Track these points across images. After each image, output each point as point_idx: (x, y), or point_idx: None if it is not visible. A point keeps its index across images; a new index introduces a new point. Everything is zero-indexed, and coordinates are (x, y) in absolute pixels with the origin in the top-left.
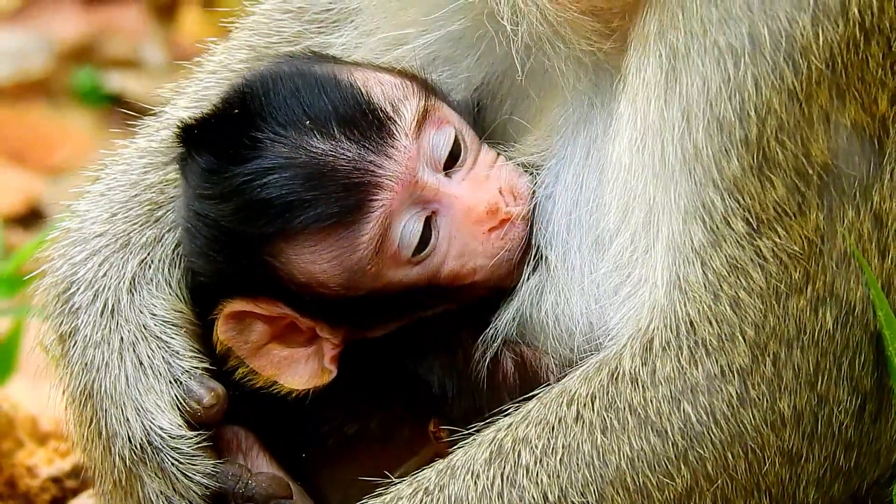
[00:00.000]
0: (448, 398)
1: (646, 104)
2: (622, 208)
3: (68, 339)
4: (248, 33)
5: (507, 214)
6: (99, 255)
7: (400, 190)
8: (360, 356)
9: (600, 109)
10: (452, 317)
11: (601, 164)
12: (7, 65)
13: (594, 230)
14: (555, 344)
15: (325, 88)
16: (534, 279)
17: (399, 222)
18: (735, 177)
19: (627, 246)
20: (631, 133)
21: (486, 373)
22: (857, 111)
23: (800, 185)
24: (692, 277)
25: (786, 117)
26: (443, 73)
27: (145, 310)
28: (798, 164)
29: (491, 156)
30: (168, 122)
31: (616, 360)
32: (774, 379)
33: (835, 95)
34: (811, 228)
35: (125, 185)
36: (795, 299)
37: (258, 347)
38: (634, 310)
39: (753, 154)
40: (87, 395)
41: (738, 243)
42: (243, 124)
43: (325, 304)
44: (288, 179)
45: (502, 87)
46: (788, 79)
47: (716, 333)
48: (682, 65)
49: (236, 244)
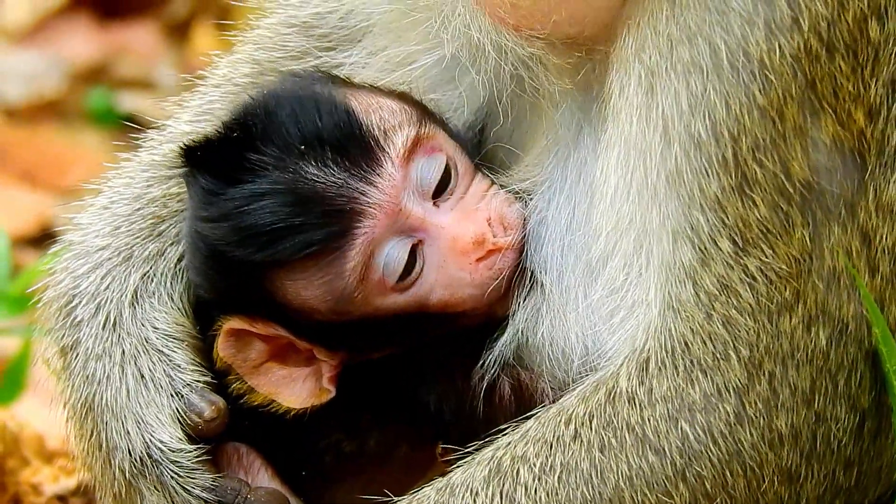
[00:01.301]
0: (445, 419)
1: (628, 125)
2: (613, 231)
3: (70, 352)
4: (253, 47)
5: (495, 245)
6: (101, 268)
7: (383, 218)
8: (359, 375)
9: (588, 132)
10: (450, 340)
11: (592, 187)
12: (20, 86)
13: (587, 253)
14: (550, 367)
15: (321, 113)
16: (530, 303)
17: (382, 250)
18: (717, 197)
19: (620, 268)
20: (617, 155)
21: (483, 396)
22: (834, 126)
23: (782, 204)
24: (684, 297)
25: (760, 135)
26: (447, 94)
27: (147, 323)
28: (778, 182)
29: (483, 185)
30: (171, 135)
31: (613, 379)
32: (771, 397)
33: (808, 112)
34: (797, 247)
35: (128, 198)
36: (787, 317)
37: (257, 365)
38: (630, 331)
39: (732, 173)
40: (87, 407)
41: (725, 263)
42: (242, 146)
43: (320, 329)
44: (277, 205)
45: (498, 110)
46: (756, 95)
47: (710, 352)
48: (658, 84)
49: (232, 267)
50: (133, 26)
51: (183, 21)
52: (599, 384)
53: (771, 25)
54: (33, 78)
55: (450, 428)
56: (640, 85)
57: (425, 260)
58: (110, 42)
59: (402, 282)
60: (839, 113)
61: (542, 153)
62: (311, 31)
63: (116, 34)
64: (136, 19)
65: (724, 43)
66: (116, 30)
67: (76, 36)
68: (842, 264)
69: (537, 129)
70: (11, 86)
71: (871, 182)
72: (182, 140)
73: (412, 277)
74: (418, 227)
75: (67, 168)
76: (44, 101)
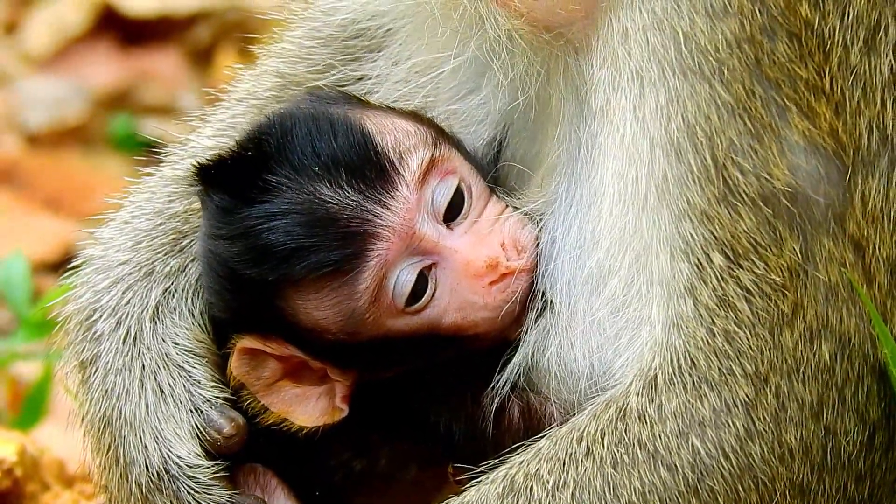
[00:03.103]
0: (455, 440)
1: (620, 129)
2: (613, 246)
3: (89, 366)
4: (276, 61)
5: (508, 268)
6: (122, 283)
7: (396, 241)
8: (371, 394)
9: (589, 144)
10: (462, 361)
11: (596, 200)
12: (43, 112)
13: (594, 271)
14: (558, 388)
15: (336, 134)
16: (540, 324)
17: (395, 273)
18: (704, 207)
19: (622, 285)
20: (613, 163)
21: (493, 419)
22: (803, 123)
23: (768, 215)
24: (686, 313)
25: (734, 136)
26: (468, 103)
27: (168, 338)
28: (763, 190)
29: (497, 207)
30: (193, 150)
31: (623, 397)
32: (779, 411)
33: (773, 108)
34: (789, 259)
35: (150, 213)
36: (788, 332)
37: (270, 384)
38: (636, 350)
39: (714, 181)
40: (106, 421)
41: (720, 277)
42: (257, 166)
43: (333, 348)
44: (291, 226)
45: (516, 123)
46: (717, 90)
47: (716, 368)
48: (641, 85)
49: (245, 286)
50: (156, 52)
51: (206, 47)
52: (610, 402)
53: (709, 8)
54: (56, 104)
55: (459, 449)
56: (630, 87)
57: (438, 283)
58: (133, 68)
59: (415, 305)
60: (802, 107)
61: (550, 170)
62: (334, 42)
63: (139, 60)
64: (158, 45)
65: (681, 31)
66: (139, 56)
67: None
68: (837, 277)
69: (546, 145)
70: (34, 112)
71: (855, 187)
72: (204, 154)
73: (424, 300)
74: (431, 250)
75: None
76: (66, 127)
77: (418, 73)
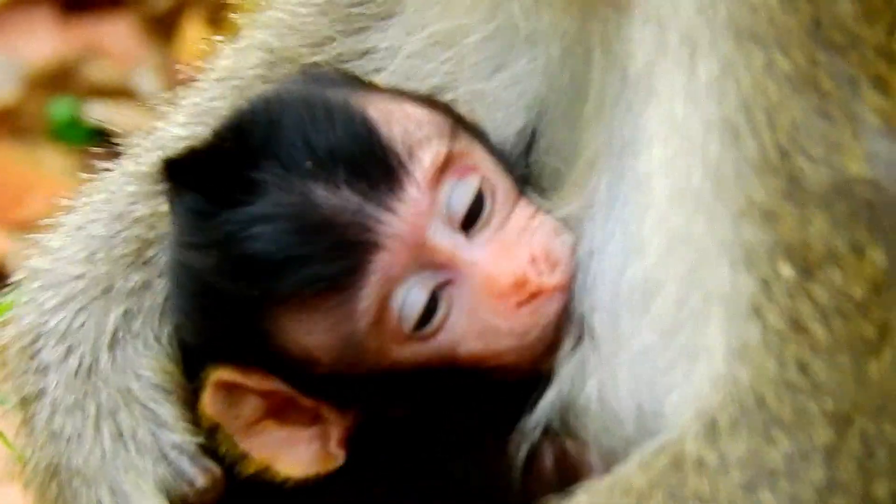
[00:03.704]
0: (473, 493)
1: (671, 109)
2: (663, 254)
3: (33, 403)
4: (264, 32)
5: (540, 286)
6: (75, 303)
7: (403, 252)
8: (373, 438)
9: (637, 127)
10: (483, 398)
11: (643, 198)
12: None
13: (640, 287)
14: (599, 432)
15: (334, 123)
16: (577, 354)
17: (400, 290)
18: (767, 204)
19: (673, 304)
20: (662, 152)
21: (521, 469)
22: (878, 99)
23: (844, 213)
24: (751, 339)
25: (797, 115)
26: (497, 82)
27: (129, 371)
28: (835, 183)
29: (528, 211)
30: (162, 141)
31: (678, 443)
32: (865, 459)
33: (841, 80)
34: (872, 269)
35: (108, 217)
36: (874, 361)
37: (251, 425)
38: (693, 385)
39: (777, 171)
40: (53, 470)
41: (789, 292)
42: (239, 161)
43: (327, 383)
44: (278, 233)
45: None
46: (775, 58)
47: (789, 406)
48: (692, 50)
49: (222, 305)
50: (105, 21)
51: (167, 13)
52: (662, 449)
53: None
54: None
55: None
56: (677, 45)
57: (453, 303)
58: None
59: (424, 329)
60: (873, 78)
61: (590, 165)
62: (334, 9)
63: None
64: (109, 12)
65: None
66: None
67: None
68: None
69: (585, 134)
70: None
71: None
72: (174, 147)
73: (436, 324)
74: (446, 263)
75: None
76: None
77: (437, 44)
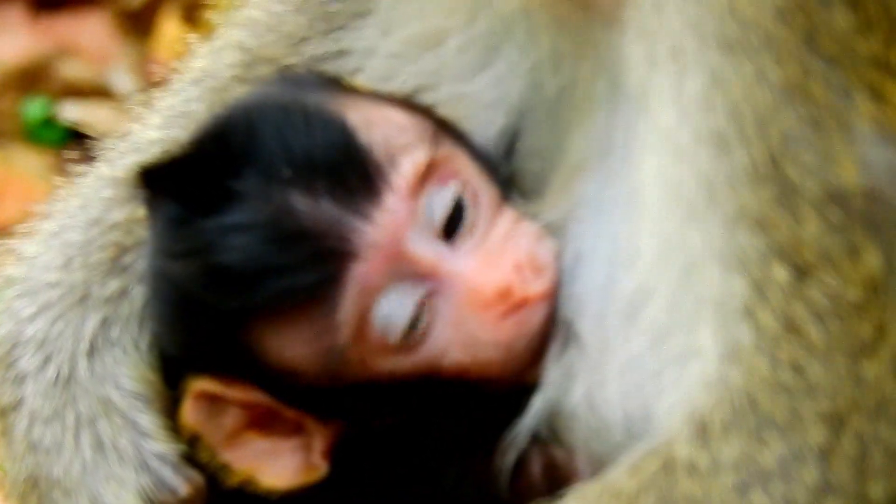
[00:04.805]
0: (461, 501)
1: (662, 121)
2: (656, 262)
3: (11, 413)
4: (240, 31)
5: (524, 296)
6: (51, 311)
7: (380, 261)
8: (358, 448)
9: (628, 135)
10: (470, 407)
11: (634, 205)
12: None
13: (631, 294)
14: (588, 438)
15: (312, 129)
16: (565, 360)
17: (380, 301)
18: (759, 211)
19: (665, 309)
20: (655, 162)
21: (509, 476)
22: (871, 107)
23: (838, 217)
24: (743, 341)
25: (789, 124)
26: (477, 84)
27: (108, 379)
28: (830, 189)
29: (511, 218)
30: (138, 145)
31: (668, 446)
32: (860, 460)
33: (834, 90)
34: (867, 271)
35: (84, 223)
36: (869, 362)
37: (232, 436)
38: (684, 388)
39: (769, 179)
40: (32, 482)
41: (784, 295)
42: (217, 169)
43: (310, 394)
44: (255, 242)
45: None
46: (766, 68)
47: (782, 408)
48: (680, 63)
49: (201, 315)
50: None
51: (142, 10)
52: (652, 452)
53: None
54: None
55: None
56: (665, 59)
57: (436, 314)
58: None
59: (406, 340)
60: (868, 88)
61: (576, 168)
62: (311, 7)
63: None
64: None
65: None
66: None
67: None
68: None
69: (571, 136)
70: None
71: None
72: (150, 150)
73: (418, 335)
74: (428, 273)
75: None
76: None
77: (416, 45)
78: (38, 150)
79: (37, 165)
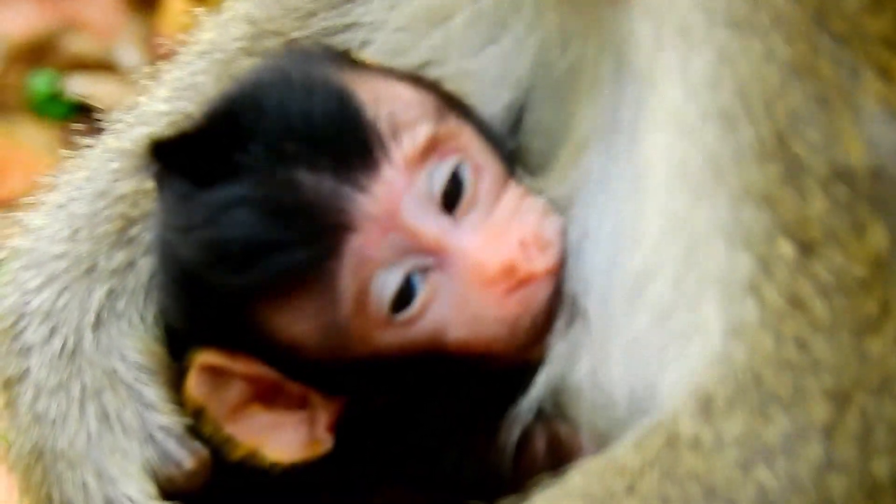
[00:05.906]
0: (465, 480)
1: (670, 98)
2: (662, 239)
3: (16, 385)
4: (248, 5)
5: (529, 272)
6: (57, 282)
7: (376, 233)
8: (362, 423)
9: (635, 112)
10: (473, 383)
11: (641, 183)
12: None
13: (636, 270)
14: (592, 415)
15: (315, 103)
16: (570, 336)
17: (380, 275)
18: (765, 188)
19: (669, 285)
20: (662, 139)
21: (513, 451)
22: (880, 86)
23: (844, 194)
24: (748, 317)
25: (797, 102)
26: (484, 58)
27: (114, 351)
28: (836, 166)
29: (517, 194)
30: (145, 117)
31: (673, 422)
32: (865, 436)
33: (843, 68)
34: (873, 248)
35: (90, 195)
36: (874, 338)
37: (237, 409)
38: (688, 365)
39: (775, 156)
40: (37, 453)
41: (789, 271)
42: (224, 144)
43: (314, 369)
44: (254, 216)
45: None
46: (774, 46)
47: (786, 384)
48: (687, 41)
49: (205, 290)
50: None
51: None
52: (655, 428)
53: None
54: None
55: (470, 490)
56: (673, 36)
57: (438, 289)
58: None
59: (404, 313)
60: (877, 67)
61: (582, 144)
62: None
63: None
64: None
65: None
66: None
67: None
68: None
69: (577, 112)
70: None
71: None
72: (158, 122)
73: (416, 309)
74: (432, 248)
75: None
76: None
77: (423, 19)
78: (45, 124)
79: (43, 139)
